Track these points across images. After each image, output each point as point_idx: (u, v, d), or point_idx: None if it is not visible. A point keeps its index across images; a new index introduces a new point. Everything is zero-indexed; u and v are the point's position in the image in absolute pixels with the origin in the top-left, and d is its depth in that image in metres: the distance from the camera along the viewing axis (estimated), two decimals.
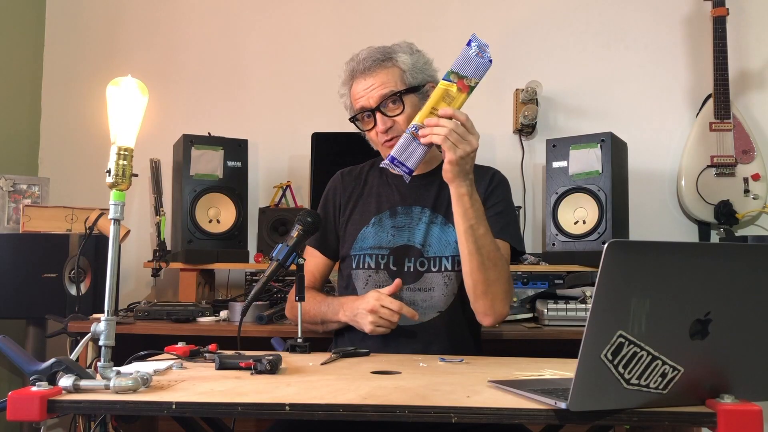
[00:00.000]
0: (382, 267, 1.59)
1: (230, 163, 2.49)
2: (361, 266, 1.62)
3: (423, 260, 1.59)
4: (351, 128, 1.69)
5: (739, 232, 2.60)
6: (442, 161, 1.68)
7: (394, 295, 1.51)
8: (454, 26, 2.85)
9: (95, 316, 2.14)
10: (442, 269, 1.57)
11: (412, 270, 1.58)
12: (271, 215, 2.58)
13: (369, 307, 1.47)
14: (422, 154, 1.42)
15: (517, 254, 1.65)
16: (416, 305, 1.55)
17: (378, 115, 1.56)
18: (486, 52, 1.38)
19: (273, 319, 2.06)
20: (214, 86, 2.91)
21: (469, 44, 1.39)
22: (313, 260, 1.70)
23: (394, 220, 1.63)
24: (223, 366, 1.19)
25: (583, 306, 2.01)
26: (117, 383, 0.95)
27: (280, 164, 2.85)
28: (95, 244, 2.30)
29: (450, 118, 1.37)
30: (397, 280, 1.52)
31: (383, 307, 1.46)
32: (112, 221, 1.05)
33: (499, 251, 1.49)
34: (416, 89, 1.59)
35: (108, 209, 1.07)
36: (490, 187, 1.65)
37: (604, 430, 1.09)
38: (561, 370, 1.20)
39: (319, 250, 1.71)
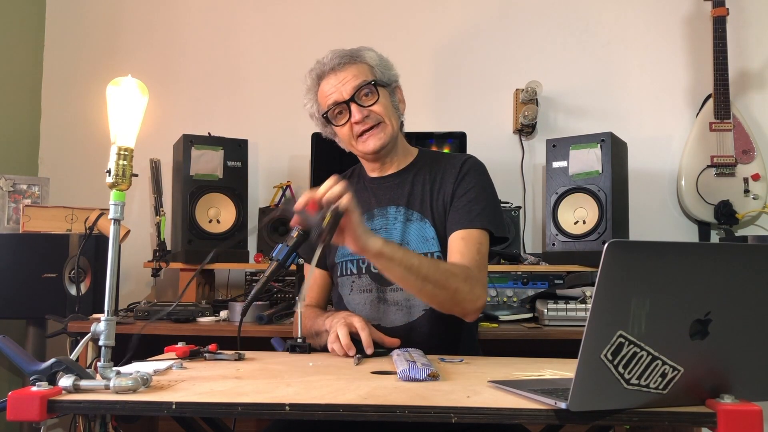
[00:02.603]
0: (363, 271, 1.58)
1: (230, 163, 2.50)
2: (344, 273, 1.61)
3: None
4: None
5: (739, 232, 2.60)
6: (413, 160, 1.65)
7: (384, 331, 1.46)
8: (455, 26, 2.85)
9: (95, 316, 2.15)
10: None
11: None
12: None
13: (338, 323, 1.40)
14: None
15: (498, 240, 1.57)
16: (399, 304, 1.54)
17: (353, 106, 1.54)
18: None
19: (273, 319, 2.06)
20: (214, 86, 2.91)
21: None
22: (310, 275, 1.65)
23: (371, 223, 1.60)
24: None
25: (583, 306, 2.01)
26: (117, 383, 0.95)
27: (280, 164, 2.85)
28: (95, 244, 2.30)
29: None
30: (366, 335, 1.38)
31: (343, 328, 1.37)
32: (112, 221, 1.05)
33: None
34: (386, 85, 1.59)
35: (108, 209, 1.06)
36: (459, 177, 1.58)
37: (604, 430, 1.09)
38: (561, 370, 1.20)
39: (309, 262, 1.65)
